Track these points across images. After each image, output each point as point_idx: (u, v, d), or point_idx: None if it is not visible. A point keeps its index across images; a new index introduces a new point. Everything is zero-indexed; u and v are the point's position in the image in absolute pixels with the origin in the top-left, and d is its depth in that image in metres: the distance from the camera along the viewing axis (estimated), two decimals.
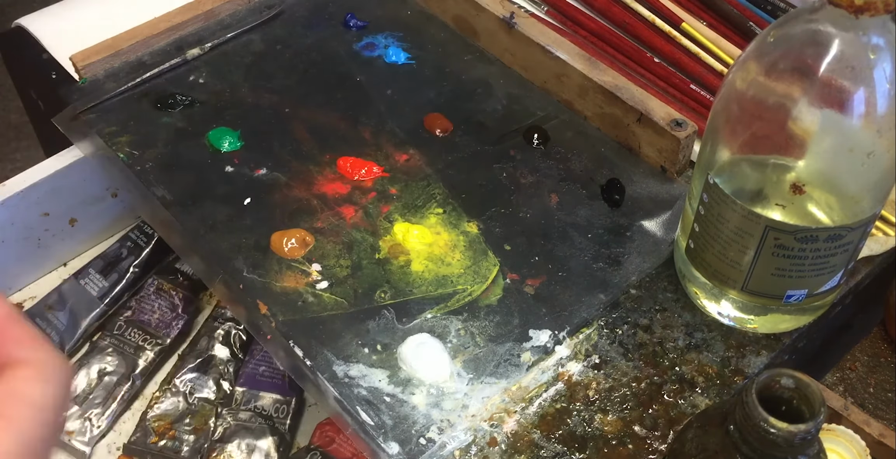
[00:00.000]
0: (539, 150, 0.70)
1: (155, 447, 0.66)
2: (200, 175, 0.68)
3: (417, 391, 0.56)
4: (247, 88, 0.74)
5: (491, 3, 0.75)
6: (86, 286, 0.73)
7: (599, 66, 0.70)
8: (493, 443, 0.54)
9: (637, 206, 0.66)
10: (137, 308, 0.72)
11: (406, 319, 0.60)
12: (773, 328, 0.59)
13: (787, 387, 0.43)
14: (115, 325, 0.71)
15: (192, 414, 0.67)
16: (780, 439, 0.42)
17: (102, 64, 0.75)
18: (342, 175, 0.68)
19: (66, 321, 0.72)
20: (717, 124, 0.52)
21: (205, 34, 0.78)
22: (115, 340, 0.70)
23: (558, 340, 0.59)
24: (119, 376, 0.69)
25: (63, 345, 0.71)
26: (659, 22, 0.77)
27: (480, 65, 0.77)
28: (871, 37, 0.45)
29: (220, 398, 0.68)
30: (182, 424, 0.67)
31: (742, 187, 0.53)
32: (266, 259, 0.63)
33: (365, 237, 0.64)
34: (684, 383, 0.57)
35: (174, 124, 0.71)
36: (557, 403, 0.56)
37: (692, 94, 0.73)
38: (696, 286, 0.60)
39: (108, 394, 0.68)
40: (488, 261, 0.63)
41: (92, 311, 0.72)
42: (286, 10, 0.81)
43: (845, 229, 0.50)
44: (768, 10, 0.79)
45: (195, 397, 0.68)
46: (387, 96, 0.74)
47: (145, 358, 0.70)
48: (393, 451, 0.53)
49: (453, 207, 0.66)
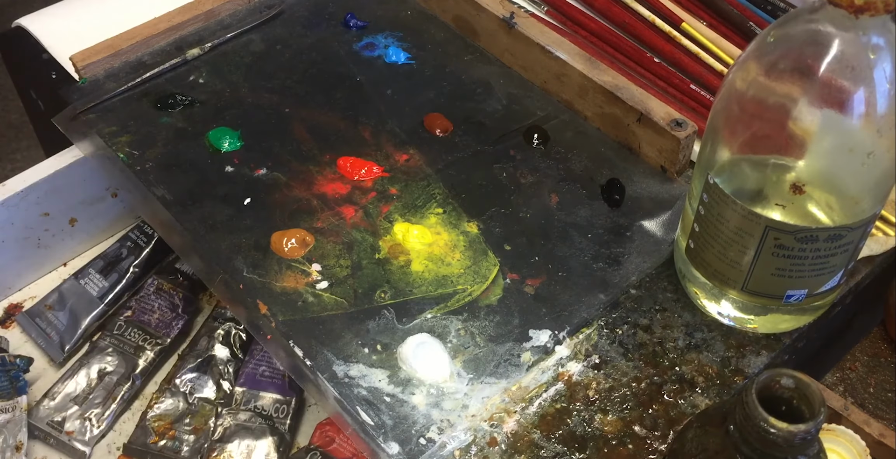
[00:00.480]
0: (539, 150, 0.70)
1: (155, 447, 0.66)
2: (200, 175, 0.68)
3: (417, 392, 0.56)
4: (247, 88, 0.74)
5: (491, 3, 0.75)
6: (86, 286, 0.73)
7: (599, 66, 0.70)
8: (493, 443, 0.54)
9: (637, 206, 0.66)
10: (137, 308, 0.72)
11: (406, 319, 0.60)
12: (773, 328, 0.59)
13: (787, 387, 0.43)
14: (115, 325, 0.71)
15: (192, 414, 0.67)
16: (780, 439, 0.42)
17: (102, 64, 0.75)
18: (342, 175, 0.68)
19: (66, 321, 0.72)
20: (717, 124, 0.52)
21: (205, 34, 0.78)
22: (115, 340, 0.70)
23: (558, 340, 0.59)
24: (119, 376, 0.69)
25: (63, 345, 0.71)
26: (659, 22, 0.77)
27: (480, 65, 0.77)
28: (871, 37, 0.45)
29: (220, 398, 0.68)
30: (182, 424, 0.67)
31: (742, 187, 0.53)
32: (266, 259, 0.63)
33: (365, 237, 0.64)
34: (684, 383, 0.57)
35: (174, 124, 0.71)
36: (557, 403, 0.56)
37: (692, 94, 0.73)
38: (696, 286, 0.60)
39: (108, 394, 0.68)
40: (488, 261, 0.63)
41: (92, 311, 0.72)
42: (286, 10, 0.81)
43: (845, 229, 0.50)
44: (768, 10, 0.79)
45: (195, 397, 0.68)
46: (387, 96, 0.74)
47: (145, 358, 0.70)
48: (393, 451, 0.53)
49: (453, 207, 0.66)
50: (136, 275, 0.74)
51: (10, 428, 0.64)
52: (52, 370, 0.72)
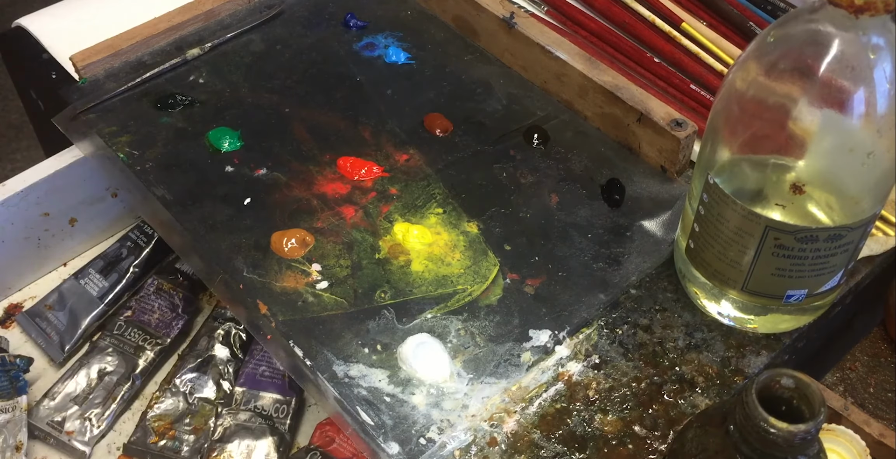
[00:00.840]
0: (539, 150, 0.70)
1: (155, 447, 0.66)
2: (200, 175, 0.68)
3: (417, 391, 0.56)
4: (247, 88, 0.74)
5: (491, 3, 0.75)
6: (86, 286, 0.73)
7: (599, 66, 0.70)
8: (493, 443, 0.54)
9: (637, 206, 0.66)
10: (137, 308, 0.72)
11: (406, 319, 0.60)
12: (773, 328, 0.59)
13: (787, 387, 0.43)
14: (115, 325, 0.71)
15: (192, 414, 0.67)
16: (780, 439, 0.42)
17: (102, 64, 0.75)
18: (342, 175, 0.68)
19: (66, 321, 0.72)
20: (717, 124, 0.52)
21: (205, 34, 0.78)
22: (115, 340, 0.70)
23: (558, 340, 0.59)
24: (119, 376, 0.69)
25: (63, 345, 0.71)
26: (659, 22, 0.77)
27: (480, 65, 0.77)
28: (871, 37, 0.45)
29: (220, 398, 0.68)
30: (182, 424, 0.67)
31: (742, 187, 0.53)
32: (266, 259, 0.63)
33: (365, 237, 0.64)
34: (684, 383, 0.57)
35: (174, 124, 0.71)
36: (557, 403, 0.56)
37: (692, 94, 0.73)
38: (696, 286, 0.60)
39: (108, 394, 0.68)
40: (488, 261, 0.63)
41: (92, 311, 0.72)
42: (286, 10, 0.81)
43: (845, 229, 0.50)
44: (768, 10, 0.79)
45: (195, 397, 0.68)
46: (387, 96, 0.74)
47: (145, 358, 0.70)
48: (393, 451, 0.53)
49: (453, 207, 0.66)
50: (136, 275, 0.74)
51: (10, 428, 0.64)
52: (52, 370, 0.72)
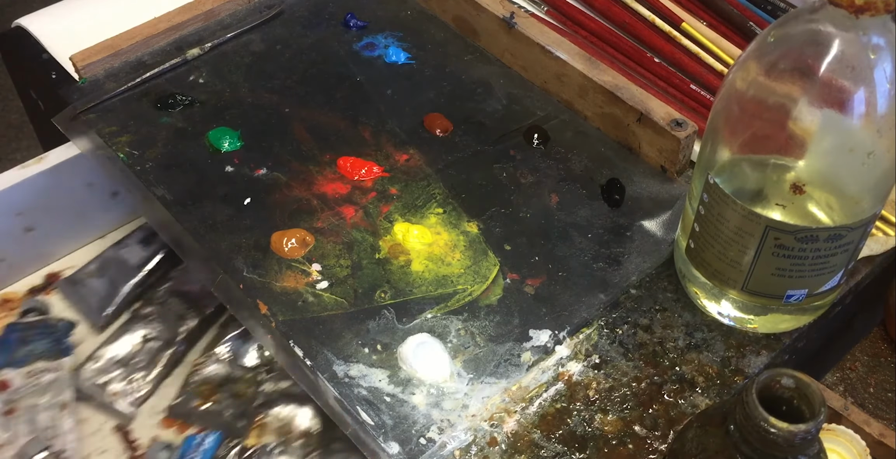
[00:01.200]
0: (539, 150, 0.70)
1: (198, 411, 0.66)
2: (200, 175, 0.68)
3: (417, 391, 0.56)
4: (247, 88, 0.74)
5: (491, 3, 0.75)
6: (126, 255, 0.73)
7: (599, 66, 0.70)
8: (493, 443, 0.54)
9: (637, 206, 0.66)
10: (179, 278, 0.72)
11: (406, 319, 0.60)
12: (773, 328, 0.59)
13: (787, 387, 0.43)
14: (157, 294, 0.72)
15: (235, 381, 0.67)
16: (780, 439, 0.42)
17: (102, 64, 0.75)
18: (342, 175, 0.68)
19: (105, 288, 0.72)
20: (717, 124, 0.52)
21: (205, 34, 0.78)
22: (158, 308, 0.71)
23: (558, 340, 0.59)
24: (162, 342, 0.69)
25: (103, 309, 0.71)
26: (659, 22, 0.77)
27: (480, 65, 0.77)
28: (871, 37, 0.45)
29: (262, 364, 0.68)
30: (225, 389, 0.66)
31: (742, 187, 0.53)
32: (266, 259, 0.63)
33: (365, 237, 0.64)
34: (684, 383, 0.57)
35: (174, 124, 0.71)
36: (557, 403, 0.56)
37: (692, 94, 0.73)
38: (696, 286, 0.60)
39: (152, 358, 0.68)
40: (488, 261, 0.63)
41: (131, 277, 0.72)
42: (286, 10, 0.81)
43: (845, 229, 0.50)
44: (768, 10, 0.79)
45: (238, 364, 0.68)
46: (387, 96, 0.74)
47: (187, 326, 0.70)
48: (393, 451, 0.53)
49: (453, 207, 0.66)
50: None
51: (56, 387, 0.65)
52: (92, 337, 0.72)
